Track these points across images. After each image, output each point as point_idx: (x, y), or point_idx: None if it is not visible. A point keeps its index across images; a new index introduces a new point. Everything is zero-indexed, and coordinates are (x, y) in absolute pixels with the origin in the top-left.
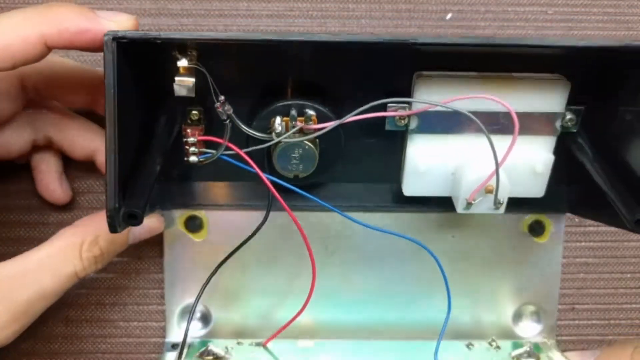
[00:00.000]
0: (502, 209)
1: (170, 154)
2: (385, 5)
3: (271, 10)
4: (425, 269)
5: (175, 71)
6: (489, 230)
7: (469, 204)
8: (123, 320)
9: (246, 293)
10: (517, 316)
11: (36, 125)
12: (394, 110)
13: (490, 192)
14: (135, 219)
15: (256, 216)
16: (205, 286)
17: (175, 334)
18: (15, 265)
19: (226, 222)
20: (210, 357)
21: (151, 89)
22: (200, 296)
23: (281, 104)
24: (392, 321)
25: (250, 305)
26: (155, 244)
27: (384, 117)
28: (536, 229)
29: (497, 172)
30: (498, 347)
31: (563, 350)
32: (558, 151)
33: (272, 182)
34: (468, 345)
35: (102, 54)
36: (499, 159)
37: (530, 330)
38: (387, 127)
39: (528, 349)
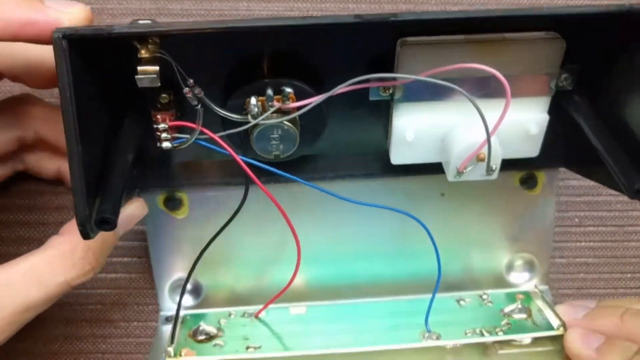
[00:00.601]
0: (496, 175)
1: (145, 138)
2: (385, 6)
3: (271, 10)
4: (415, 225)
5: (137, 61)
6: (480, 185)
7: (460, 173)
8: (123, 320)
9: (235, 263)
10: (510, 266)
11: (22, 121)
12: (378, 82)
13: (482, 160)
14: (108, 224)
15: (237, 191)
16: (197, 262)
17: (168, 307)
18: None
19: (207, 198)
20: (203, 337)
21: (113, 81)
22: (192, 272)
23: (256, 82)
24: (384, 278)
25: (240, 273)
26: None
27: (367, 88)
28: (529, 182)
29: (488, 141)
30: (490, 302)
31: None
32: (553, 110)
33: (251, 164)
34: (459, 301)
35: None
36: (491, 125)
37: (522, 279)
38: (371, 97)
39: (520, 305)
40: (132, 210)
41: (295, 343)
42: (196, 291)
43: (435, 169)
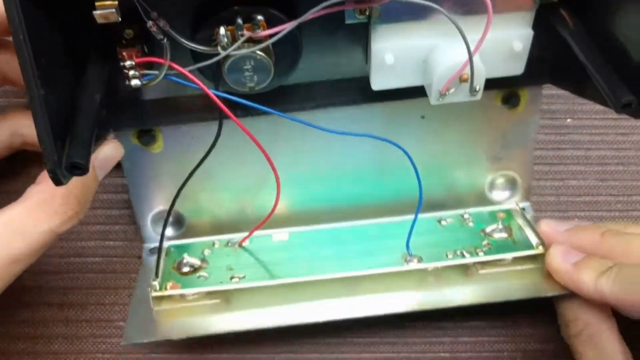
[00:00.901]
0: (479, 96)
1: (113, 77)
2: None
3: None
4: (396, 148)
5: None
6: (461, 106)
7: (442, 95)
8: (123, 320)
9: (215, 192)
10: (492, 185)
11: (11, 128)
12: (353, 4)
13: (465, 81)
14: (79, 169)
15: (214, 124)
16: (177, 197)
17: (152, 238)
18: None
19: (181, 132)
20: (187, 269)
21: (72, 19)
22: (173, 207)
23: (225, 12)
24: (366, 200)
25: (221, 202)
26: None
27: (342, 11)
28: (511, 101)
29: (470, 61)
30: (471, 222)
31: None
32: (537, 25)
33: (224, 97)
34: (440, 221)
35: None
36: (474, 44)
37: (504, 196)
38: (347, 20)
39: (500, 225)
40: (108, 152)
41: (278, 271)
42: (178, 222)
43: (416, 92)
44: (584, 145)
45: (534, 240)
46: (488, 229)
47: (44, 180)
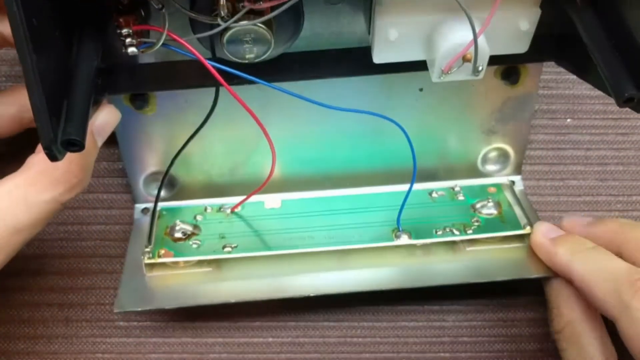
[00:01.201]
0: (482, 75)
1: (109, 43)
2: None
3: None
4: (390, 115)
5: None
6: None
7: (445, 74)
8: (123, 320)
9: (208, 155)
10: (485, 157)
11: (20, 101)
12: None
13: (468, 60)
14: (75, 146)
15: (208, 89)
16: (172, 164)
17: (143, 199)
18: None
19: (175, 96)
20: (180, 235)
21: None
22: (168, 173)
23: None
24: (360, 168)
25: (214, 164)
26: None
27: None
28: (511, 78)
29: (475, 43)
30: (462, 196)
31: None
32: (544, 3)
33: (219, 69)
34: (431, 194)
35: None
36: (478, 24)
37: (496, 168)
38: None
39: (491, 202)
40: (105, 118)
41: (270, 241)
42: (170, 183)
43: (417, 65)
44: (584, 145)
45: (522, 219)
46: (478, 205)
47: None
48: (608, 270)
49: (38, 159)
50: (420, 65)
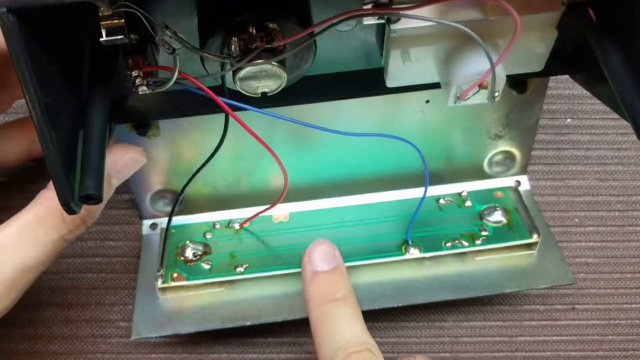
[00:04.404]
0: (497, 100)
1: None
2: None
3: None
4: (399, 126)
5: (99, 19)
6: None
7: (461, 100)
8: (123, 320)
9: (214, 169)
10: (491, 160)
11: (31, 135)
12: (373, 8)
13: (484, 87)
14: (93, 200)
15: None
16: (190, 180)
17: (150, 215)
18: None
19: (178, 121)
20: (191, 257)
21: (75, 42)
22: (185, 189)
23: (237, 18)
24: (367, 174)
25: (220, 178)
26: None
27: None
28: (518, 87)
29: (492, 72)
30: (469, 201)
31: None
32: (561, 25)
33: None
34: (438, 201)
35: None
36: (495, 52)
37: (502, 170)
38: (365, 22)
39: (498, 208)
40: (128, 162)
41: (280, 258)
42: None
43: (427, 85)
44: (584, 145)
45: (529, 227)
46: (485, 212)
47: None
48: (337, 331)
49: (48, 197)
50: (429, 85)
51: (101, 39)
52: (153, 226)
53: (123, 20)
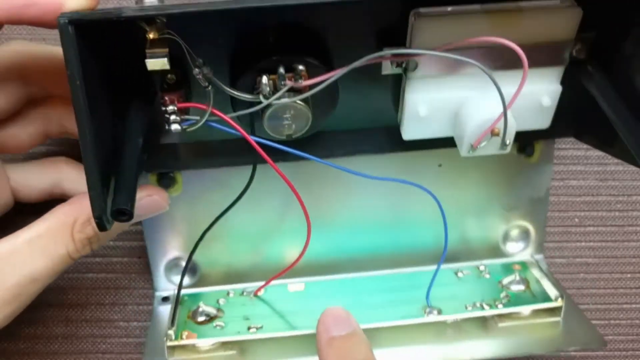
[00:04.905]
0: (509, 149)
1: (154, 121)
2: None
3: None
4: (412, 197)
5: (145, 44)
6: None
7: (474, 148)
8: (123, 320)
9: (230, 239)
10: (506, 236)
11: (49, 116)
12: (393, 56)
13: (496, 135)
14: (124, 215)
15: (234, 168)
16: (198, 243)
17: (163, 287)
18: (3, 246)
19: (201, 175)
20: (203, 318)
21: (117, 64)
22: (193, 253)
23: (266, 60)
24: (382, 251)
25: (236, 250)
26: None
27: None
28: (527, 150)
29: (505, 117)
30: (487, 274)
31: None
32: (565, 81)
33: (261, 144)
34: (457, 273)
35: None
36: (506, 100)
37: (518, 248)
38: (384, 71)
39: (517, 277)
40: (152, 203)
41: (296, 322)
42: (192, 270)
43: (442, 142)
44: (584, 145)
45: (552, 292)
46: (505, 281)
47: (75, 202)
48: None
49: (63, 211)
50: (445, 142)
51: (147, 61)
52: (165, 299)
53: (167, 50)
